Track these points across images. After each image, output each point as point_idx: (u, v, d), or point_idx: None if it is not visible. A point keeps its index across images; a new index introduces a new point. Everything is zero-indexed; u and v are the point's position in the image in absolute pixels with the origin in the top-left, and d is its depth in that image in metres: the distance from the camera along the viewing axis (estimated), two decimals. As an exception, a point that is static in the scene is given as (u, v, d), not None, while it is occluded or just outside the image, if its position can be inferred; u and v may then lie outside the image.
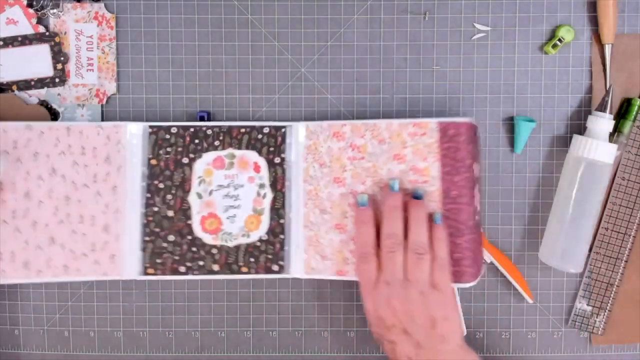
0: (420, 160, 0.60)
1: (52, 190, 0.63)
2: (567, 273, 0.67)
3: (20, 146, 0.63)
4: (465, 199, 0.59)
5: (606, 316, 0.67)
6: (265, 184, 0.63)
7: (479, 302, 0.67)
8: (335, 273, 0.62)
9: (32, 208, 0.63)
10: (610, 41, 0.64)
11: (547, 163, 0.66)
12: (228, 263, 0.63)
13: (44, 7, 0.64)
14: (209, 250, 0.63)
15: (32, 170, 0.63)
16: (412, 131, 0.60)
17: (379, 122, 0.61)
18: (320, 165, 0.63)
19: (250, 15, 0.66)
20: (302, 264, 0.63)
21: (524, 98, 0.66)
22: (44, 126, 0.63)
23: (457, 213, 0.59)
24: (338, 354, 0.67)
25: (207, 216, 0.63)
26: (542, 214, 0.67)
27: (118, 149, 0.63)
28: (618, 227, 0.66)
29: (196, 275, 0.63)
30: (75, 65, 0.65)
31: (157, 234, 0.63)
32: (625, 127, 0.65)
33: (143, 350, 0.67)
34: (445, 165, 0.59)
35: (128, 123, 0.63)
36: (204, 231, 0.63)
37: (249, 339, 0.67)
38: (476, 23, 0.66)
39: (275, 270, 0.63)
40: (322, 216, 0.63)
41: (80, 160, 0.63)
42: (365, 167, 0.62)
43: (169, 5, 0.66)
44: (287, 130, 0.63)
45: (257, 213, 0.63)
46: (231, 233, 0.63)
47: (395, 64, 0.66)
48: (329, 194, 0.62)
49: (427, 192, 0.60)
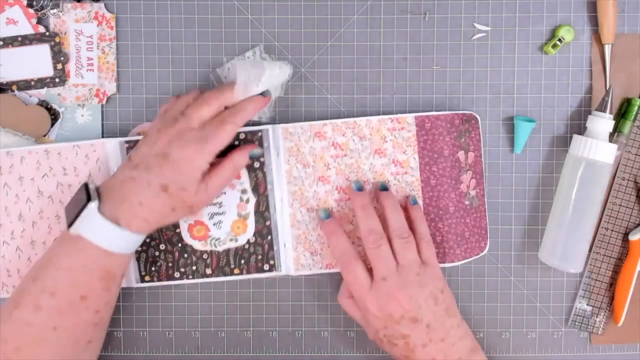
0: (400, 153, 0.64)
1: (42, 211, 0.64)
2: (567, 273, 0.67)
3: (4, 172, 0.64)
4: (444, 186, 0.64)
5: (606, 316, 0.67)
6: (247, 189, 0.64)
7: (479, 302, 0.67)
8: (325, 266, 0.65)
9: (28, 228, 0.64)
10: (610, 41, 0.64)
11: (547, 163, 0.66)
12: (220, 266, 0.65)
13: (44, 7, 0.64)
14: (200, 255, 0.65)
15: (20, 194, 0.64)
16: (390, 126, 0.64)
17: (359, 120, 0.64)
18: (304, 165, 0.64)
19: (250, 15, 0.66)
20: (292, 261, 0.65)
21: (524, 98, 0.66)
22: (23, 151, 0.64)
23: (437, 200, 0.64)
24: (338, 354, 0.67)
25: (193, 224, 0.65)
26: (542, 214, 0.67)
27: (98, 166, 0.64)
28: (618, 227, 0.66)
29: (191, 280, 0.65)
30: (75, 65, 0.65)
31: (149, 243, 0.65)
32: (625, 127, 0.65)
33: (143, 350, 0.67)
34: (423, 156, 0.64)
35: (105, 140, 0.64)
36: (192, 238, 0.65)
37: (249, 339, 0.67)
38: (476, 23, 0.66)
39: (266, 269, 0.64)
40: (308, 214, 0.64)
41: (63, 180, 0.64)
42: (348, 163, 0.64)
43: (169, 5, 0.66)
44: (263, 134, 0.63)
45: (242, 217, 0.64)
46: (219, 238, 0.64)
47: (395, 64, 0.66)
48: (315, 193, 0.64)
49: (408, 182, 0.64)
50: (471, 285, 0.67)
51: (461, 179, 0.64)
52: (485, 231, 0.66)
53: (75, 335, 0.57)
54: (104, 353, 0.66)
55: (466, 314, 0.67)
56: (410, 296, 0.57)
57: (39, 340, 0.55)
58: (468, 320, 0.67)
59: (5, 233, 0.64)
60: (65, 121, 0.66)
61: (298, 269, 0.65)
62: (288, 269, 0.65)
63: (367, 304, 0.58)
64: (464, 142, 0.64)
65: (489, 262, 0.67)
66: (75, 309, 0.56)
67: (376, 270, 0.58)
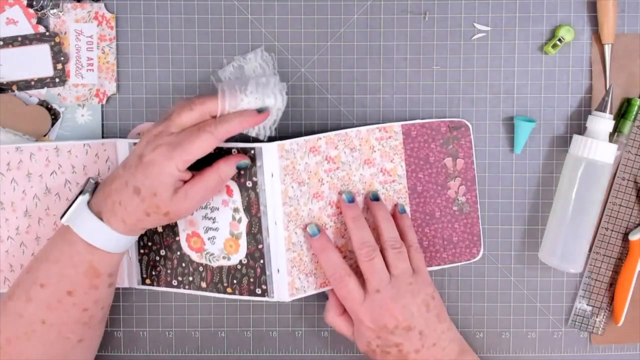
0: (388, 162, 0.64)
1: (49, 208, 0.64)
2: (567, 273, 0.67)
3: (13, 168, 0.64)
4: (430, 192, 0.65)
5: (606, 316, 0.67)
6: (239, 208, 0.62)
7: (479, 302, 0.67)
8: (320, 286, 0.63)
9: (34, 225, 0.64)
10: (610, 41, 0.64)
11: (547, 163, 0.66)
12: (214, 282, 0.64)
13: (44, 7, 0.64)
14: (197, 267, 0.64)
15: (27, 190, 0.64)
16: (378, 136, 0.64)
17: (350, 132, 0.63)
18: (299, 184, 0.61)
19: (250, 15, 0.66)
20: (286, 287, 0.62)
21: (524, 98, 0.66)
22: (33, 147, 0.64)
23: (424, 205, 0.65)
24: (338, 354, 0.67)
25: (191, 234, 0.64)
26: (542, 214, 0.67)
27: (108, 166, 0.64)
28: (618, 227, 0.66)
29: (187, 290, 0.64)
30: (75, 65, 0.65)
31: (151, 247, 0.65)
32: (625, 127, 0.65)
33: (143, 350, 0.67)
34: (409, 164, 0.65)
35: (116, 140, 0.64)
36: (190, 249, 0.64)
37: (249, 339, 0.67)
38: (476, 23, 0.66)
39: (259, 293, 0.62)
40: (304, 235, 0.62)
41: (71, 178, 0.64)
42: (340, 176, 0.63)
43: (169, 5, 0.66)
44: (256, 152, 0.60)
45: (234, 237, 0.63)
46: (213, 254, 0.63)
47: (395, 64, 0.66)
48: (310, 211, 0.62)
49: (396, 190, 0.64)
50: (471, 285, 0.67)
51: (448, 185, 0.65)
52: (477, 237, 0.66)
53: (64, 332, 0.57)
54: (105, 353, 0.66)
55: (466, 314, 0.67)
56: (404, 306, 0.58)
57: (29, 333, 0.56)
58: (468, 320, 0.67)
59: (11, 228, 0.64)
60: (65, 121, 0.66)
61: (293, 294, 0.62)
62: (280, 296, 0.62)
63: (361, 316, 0.58)
64: (451, 149, 0.65)
65: (489, 262, 0.67)
66: (63, 304, 0.56)
67: (369, 283, 0.58)
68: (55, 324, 0.56)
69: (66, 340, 0.57)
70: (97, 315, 0.59)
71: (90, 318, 0.58)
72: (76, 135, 0.65)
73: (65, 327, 0.57)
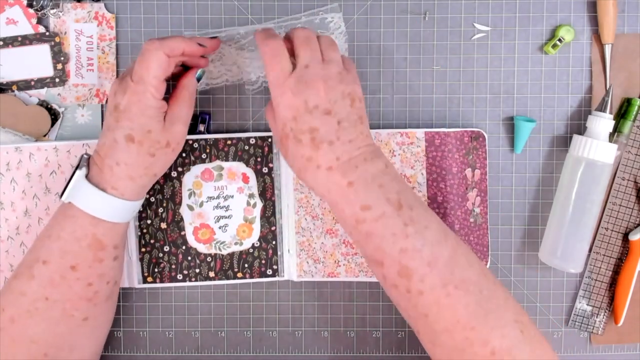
0: (408, 168, 0.64)
1: (49, 208, 0.64)
2: (567, 273, 0.67)
3: (12, 168, 0.64)
4: (451, 204, 0.63)
5: (606, 316, 0.67)
6: (254, 194, 0.64)
7: (479, 302, 0.67)
8: (327, 275, 0.65)
9: (33, 224, 0.64)
10: (610, 41, 0.64)
11: (547, 163, 0.66)
12: (224, 269, 0.65)
13: (44, 7, 0.64)
14: (204, 258, 0.65)
15: (27, 190, 0.64)
16: (400, 140, 0.64)
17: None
18: None
19: (250, 15, 0.66)
20: (295, 267, 0.65)
21: (524, 98, 0.66)
22: (33, 147, 0.64)
23: (443, 217, 0.63)
24: (338, 354, 0.67)
25: (199, 227, 0.65)
26: (542, 214, 0.67)
27: None
28: (618, 227, 0.66)
29: (193, 282, 0.65)
30: (75, 65, 0.65)
31: (153, 244, 0.65)
32: (625, 127, 0.65)
33: (143, 350, 0.67)
34: (431, 172, 0.64)
35: None
36: (197, 241, 0.65)
37: (249, 339, 0.67)
38: (476, 23, 0.66)
39: (270, 274, 0.65)
40: (313, 222, 0.64)
41: None
42: None
43: (169, 5, 0.66)
44: (273, 140, 0.64)
45: (248, 222, 0.65)
46: (224, 242, 0.65)
47: (395, 64, 0.66)
48: (321, 201, 0.64)
49: None
50: (471, 285, 0.67)
51: (467, 197, 0.64)
52: (486, 248, 0.65)
53: (68, 309, 0.57)
54: (105, 353, 0.66)
55: (466, 314, 0.67)
56: (330, 87, 0.53)
57: (32, 311, 0.56)
58: (468, 320, 0.67)
59: (11, 228, 0.64)
60: (65, 121, 0.66)
61: (301, 275, 0.65)
62: (290, 275, 0.65)
63: (285, 88, 0.54)
64: (471, 159, 0.64)
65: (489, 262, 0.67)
66: (66, 279, 0.56)
67: (300, 58, 0.55)
68: (59, 301, 0.56)
69: (70, 318, 0.57)
70: (103, 291, 0.58)
71: (94, 294, 0.58)
72: (76, 135, 0.66)
73: (70, 303, 0.57)
